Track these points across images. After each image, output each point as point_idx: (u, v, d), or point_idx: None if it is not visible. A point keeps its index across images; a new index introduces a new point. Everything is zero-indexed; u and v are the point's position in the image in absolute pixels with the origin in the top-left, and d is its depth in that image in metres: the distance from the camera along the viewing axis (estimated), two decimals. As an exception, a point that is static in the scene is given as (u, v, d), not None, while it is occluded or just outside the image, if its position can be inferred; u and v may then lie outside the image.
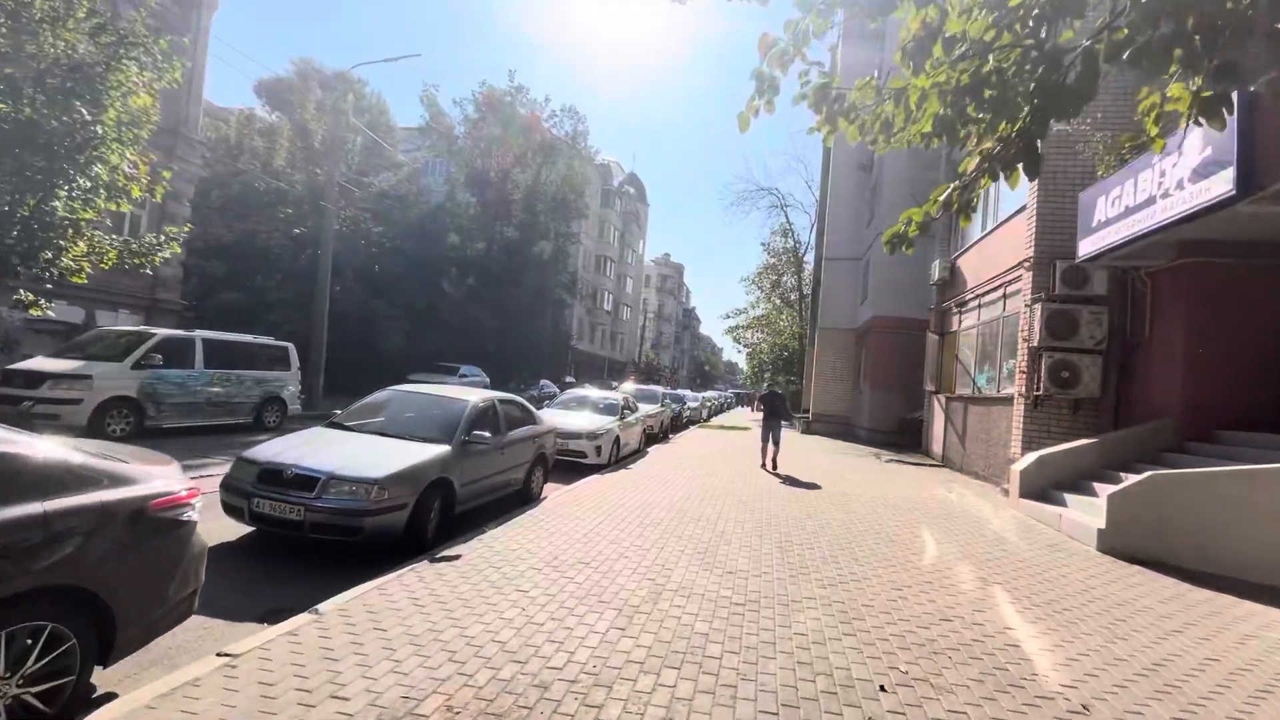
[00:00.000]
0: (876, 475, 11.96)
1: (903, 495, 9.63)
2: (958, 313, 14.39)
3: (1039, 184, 10.00)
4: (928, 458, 15.25)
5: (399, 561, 4.87)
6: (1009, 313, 11.35)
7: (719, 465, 12.03)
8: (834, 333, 23.67)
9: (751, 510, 7.70)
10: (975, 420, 12.31)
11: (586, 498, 7.82)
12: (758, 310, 41.68)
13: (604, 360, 58.57)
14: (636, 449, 13.57)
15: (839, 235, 23.84)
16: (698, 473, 10.75)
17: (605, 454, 11.07)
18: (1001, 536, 7.00)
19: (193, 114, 16.36)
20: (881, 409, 19.36)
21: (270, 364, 12.64)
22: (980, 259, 13.02)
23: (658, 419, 17.14)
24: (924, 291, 18.07)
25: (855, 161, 23.21)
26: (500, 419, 7.05)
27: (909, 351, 18.83)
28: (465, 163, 35.33)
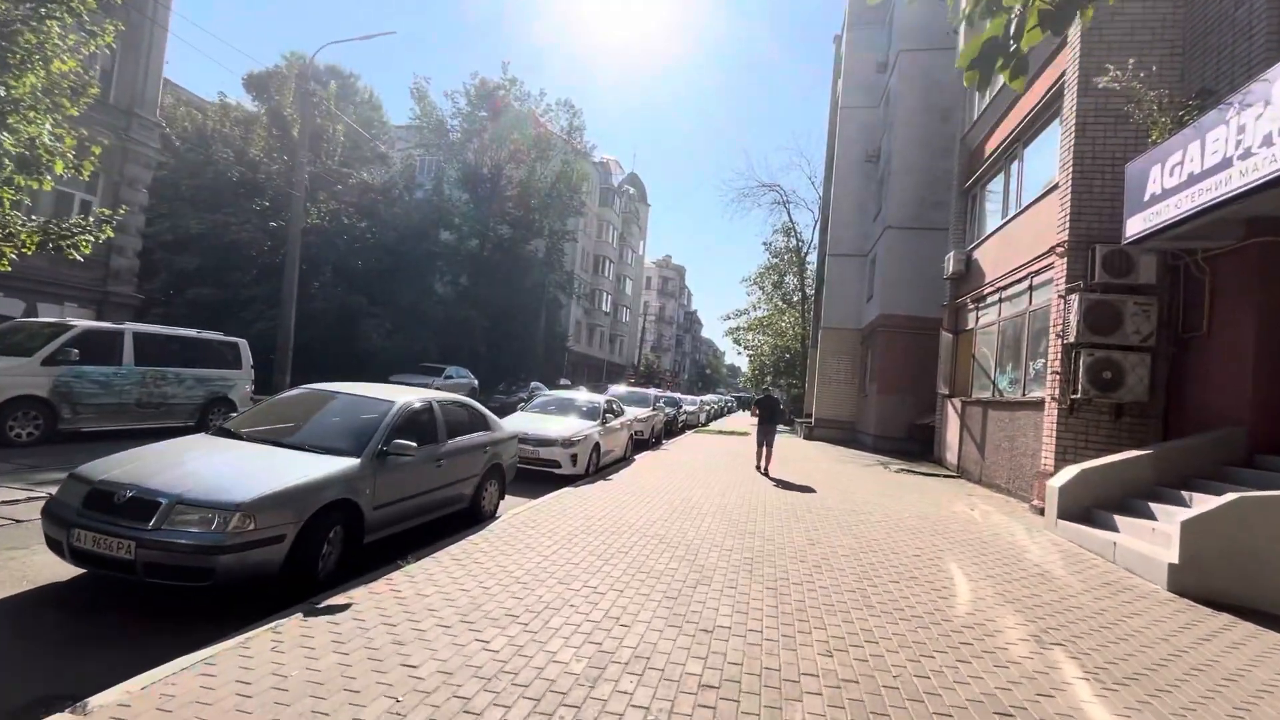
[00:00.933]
0: (886, 488, 10.72)
1: (918, 513, 8.39)
2: (975, 309, 13.15)
3: (1073, 158, 8.78)
4: (941, 467, 14.00)
5: (277, 608, 3.70)
6: (1036, 306, 10.12)
7: (711, 475, 10.80)
8: (838, 333, 22.44)
9: (742, 534, 6.47)
10: (997, 427, 11.07)
11: (548, 517, 6.61)
12: (759, 311, 40.46)
13: (602, 362, 57.37)
14: (622, 456, 12.36)
15: (844, 230, 22.63)
16: (685, 484, 9.52)
17: (583, 463, 9.86)
18: (1045, 571, 5.76)
19: (150, 94, 15.27)
20: (889, 414, 18.11)
21: (217, 361, 11.46)
22: (1002, 248, 11.79)
23: (648, 423, 15.93)
24: (935, 287, 16.85)
25: (862, 152, 22.01)
26: (438, 425, 5.85)
27: (919, 352, 17.61)
28: (457, 157, 34.22)
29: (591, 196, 51.63)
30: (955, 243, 14.40)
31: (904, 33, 19.09)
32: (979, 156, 13.78)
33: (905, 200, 18.41)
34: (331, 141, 24.41)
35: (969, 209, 14.44)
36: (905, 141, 18.57)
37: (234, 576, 3.74)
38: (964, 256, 13.75)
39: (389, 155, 27.83)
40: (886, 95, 20.73)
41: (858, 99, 22.63)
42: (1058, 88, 9.77)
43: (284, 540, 3.95)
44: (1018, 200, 11.47)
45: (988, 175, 13.34)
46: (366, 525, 4.71)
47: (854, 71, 22.89)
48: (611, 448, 11.58)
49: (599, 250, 53.77)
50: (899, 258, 18.27)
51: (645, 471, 10.78)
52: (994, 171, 12.98)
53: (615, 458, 11.87)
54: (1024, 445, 9.89)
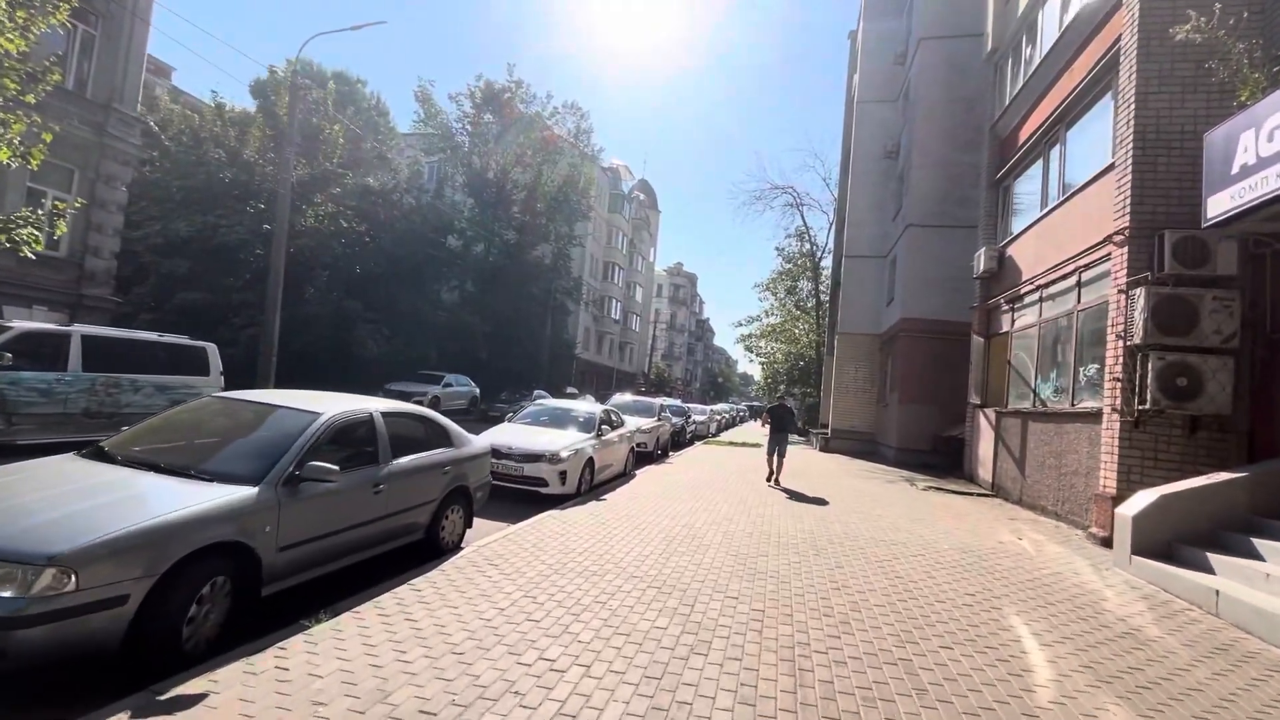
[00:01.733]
0: (915, 509, 9.54)
1: (958, 543, 7.21)
2: (1010, 310, 11.96)
3: (1133, 133, 7.64)
4: (973, 485, 12.75)
5: (116, 694, 2.69)
6: (1087, 304, 8.93)
7: (718, 494, 9.68)
8: (855, 339, 21.24)
9: (751, 574, 5.36)
10: (1040, 441, 9.85)
11: (520, 550, 5.55)
12: (772, 318, 39.25)
13: (611, 371, 56.38)
14: (621, 472, 11.29)
15: (861, 230, 21.48)
16: (688, 506, 8.42)
17: (573, 481, 8.79)
18: (1135, 628, 4.58)
19: (130, 88, 14.57)
20: (913, 425, 16.87)
21: (181, 368, 10.58)
22: (1042, 241, 10.62)
23: (653, 435, 14.84)
24: (962, 288, 15.65)
25: (880, 148, 20.89)
26: (380, 441, 4.82)
27: (944, 358, 16.39)
28: (462, 161, 33.56)
29: (600, 202, 50.91)
30: (985, 239, 13.22)
31: (924, 20, 18.01)
32: (1011, 145, 12.63)
33: (927, 196, 17.25)
34: (329, 143, 23.72)
35: (1000, 203, 13.27)
36: (927, 134, 17.44)
37: (44, 655, 2.72)
38: (996, 254, 12.57)
39: (389, 157, 27.09)
40: (906, 88, 19.63)
41: (875, 93, 21.54)
42: (1109, 57, 8.64)
43: (127, 601, 2.92)
44: (1060, 188, 10.30)
45: (1022, 165, 12.18)
46: (266, 572, 3.68)
47: (870, 65, 21.82)
48: (609, 462, 10.51)
49: (608, 256, 52.93)
50: (921, 258, 17.10)
51: (644, 491, 9.68)
52: (1030, 160, 11.82)
53: (613, 473, 10.80)
54: (1075, 463, 8.67)
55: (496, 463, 8.58)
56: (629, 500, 8.62)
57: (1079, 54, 9.75)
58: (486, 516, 7.49)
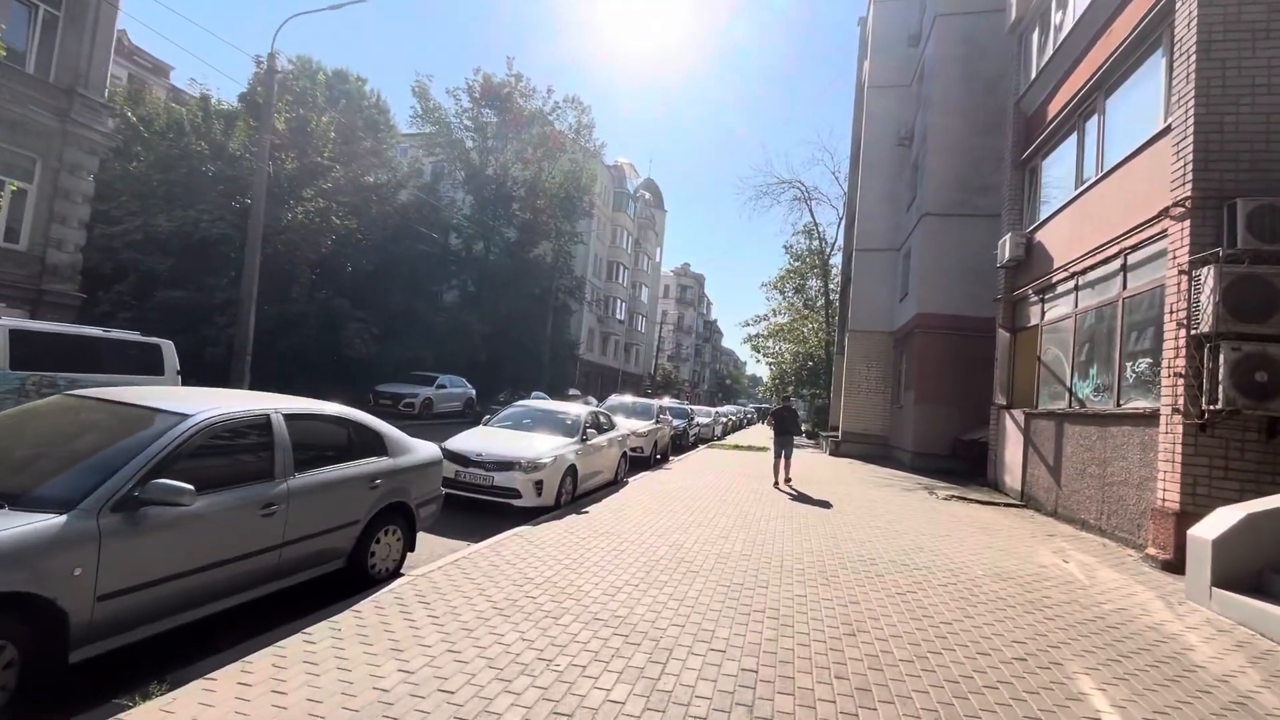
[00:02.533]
0: (938, 523, 8.47)
1: (993, 567, 6.16)
2: (1040, 301, 10.87)
3: (1194, 89, 6.57)
4: (998, 493, 11.64)
5: None
6: (1135, 290, 7.84)
7: (716, 505, 8.66)
8: (867, 336, 20.13)
9: (746, 612, 4.36)
10: (1079, 446, 8.75)
11: (466, 580, 4.58)
12: (780, 317, 38.09)
13: (617, 372, 55.41)
14: (612, 480, 10.32)
15: (873, 223, 20.38)
16: (680, 520, 7.41)
17: (550, 492, 7.81)
18: (1243, 694, 3.52)
19: (96, 73, 13.79)
20: (929, 428, 15.75)
21: (131, 366, 9.70)
22: (1078, 223, 9.54)
23: (650, 439, 13.84)
24: (983, 281, 14.56)
25: (892, 136, 19.79)
26: (278, 450, 3.86)
27: (964, 356, 15.29)
28: (461, 158, 32.76)
29: (604, 200, 50.04)
30: (1011, 225, 12.13)
31: (940, -3, 16.92)
32: (1040, 121, 11.55)
33: (945, 183, 16.16)
34: (319, 136, 22.94)
35: (1027, 185, 12.17)
36: (944, 117, 16.34)
37: None
38: (1023, 240, 11.48)
39: (388, 155, 26.28)
40: (920, 69, 18.54)
41: (887, 77, 20.45)
42: (1160, 8, 7.57)
43: None
44: (1098, 164, 9.22)
45: (1052, 141, 11.10)
46: (77, 632, 2.71)
47: (882, 47, 20.73)
48: (596, 469, 9.53)
49: (613, 256, 52.01)
50: (938, 249, 16.00)
51: (634, 502, 8.68)
52: (1061, 136, 10.74)
53: (602, 481, 9.82)
54: (1122, 471, 7.58)
55: (463, 471, 7.65)
56: (614, 513, 7.62)
57: (1120, 10, 8.68)
58: (445, 533, 6.55)
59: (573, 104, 34.22)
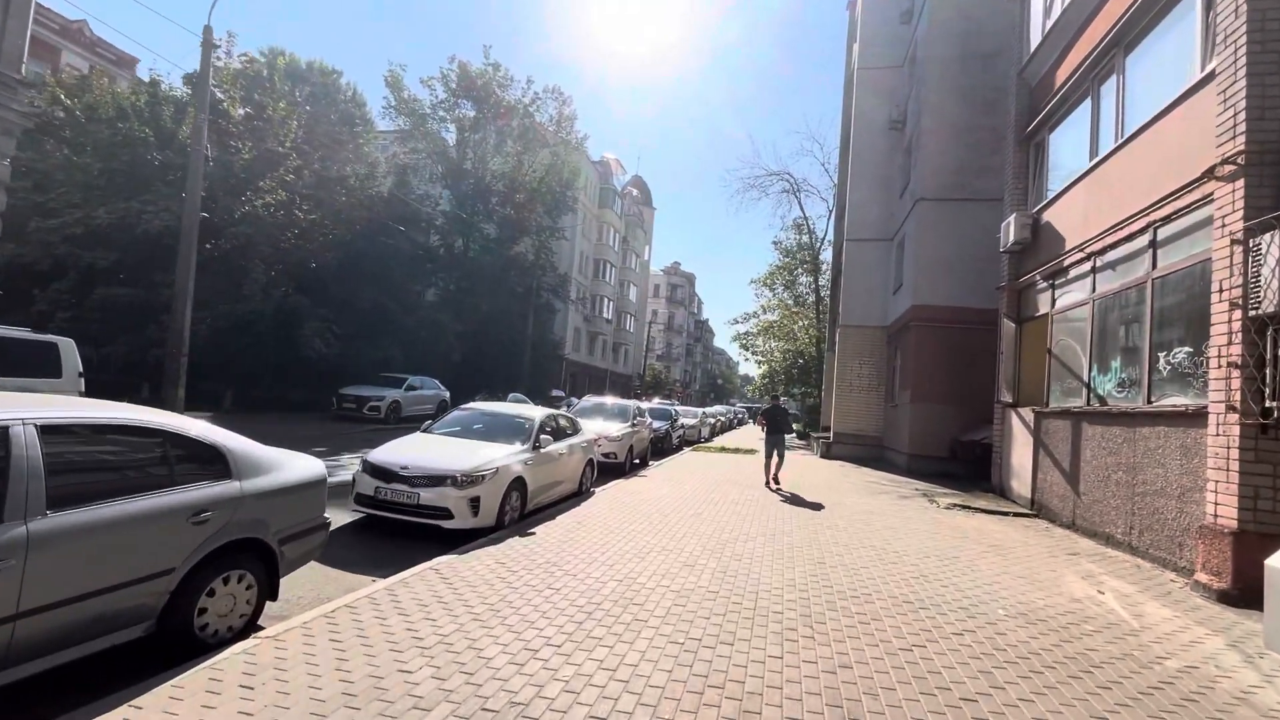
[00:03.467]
0: (940, 538, 7.37)
1: (1014, 601, 5.05)
2: (1049, 287, 9.81)
3: (1245, 22, 5.50)
4: (1005, 501, 10.57)
5: None
6: (1169, 269, 6.77)
7: (689, 521, 7.53)
8: (859, 331, 19.06)
9: (699, 688, 3.21)
10: (1102, 449, 7.67)
11: (332, 644, 3.43)
12: (770, 315, 36.97)
13: (605, 373, 54.25)
14: (576, 490, 9.18)
15: (864, 211, 19.32)
16: (643, 542, 6.27)
17: (491, 510, 6.65)
18: None
19: (11, 47, 12.50)
20: (927, 428, 14.69)
21: (20, 368, 8.47)
22: (1094, 198, 8.47)
23: (623, 443, 12.69)
24: (984, 269, 13.54)
25: (884, 119, 18.74)
26: (15, 480, 2.68)
27: (964, 350, 14.25)
28: (438, 152, 31.52)
29: (589, 195, 48.89)
30: (1014, 205, 11.07)
31: (934, -31, 15.87)
32: (1046, 90, 10.50)
33: (941, 166, 15.11)
34: (278, 125, 21.68)
35: (1033, 162, 11.12)
36: (940, 95, 15.30)
37: None
38: (1029, 221, 10.42)
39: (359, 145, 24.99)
40: (913, 48, 17.50)
41: (878, 57, 19.40)
42: (1196, -60, 6.51)
43: None
44: (1118, 129, 8.15)
45: (1061, 111, 10.04)
46: None
47: (872, 26, 19.67)
48: (555, 480, 8.38)
49: (599, 254, 50.84)
50: (935, 236, 14.94)
51: (593, 519, 7.53)
52: (1071, 103, 9.68)
53: (562, 494, 8.67)
54: (1158, 480, 6.50)
55: (385, 488, 6.49)
56: (564, 536, 6.47)
57: (1144, -48, 7.62)
58: (351, 566, 5.41)
59: (553, 95, 33.11)
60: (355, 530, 6.73)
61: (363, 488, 6.61)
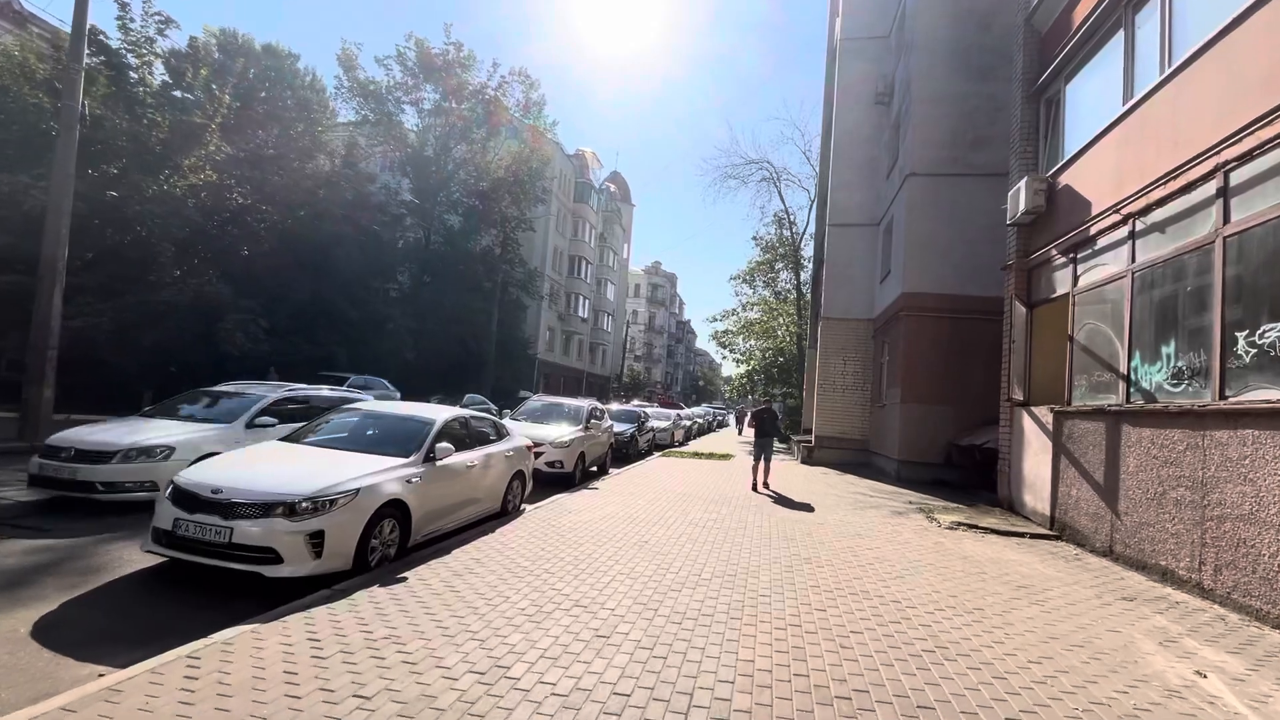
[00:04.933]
0: (952, 576, 5.68)
1: (1084, 695, 3.34)
2: (1070, 262, 8.21)
3: None
4: (1016, 517, 8.95)
5: None
6: (1247, 221, 5.14)
7: (625, 556, 5.75)
8: (842, 325, 17.47)
9: None
10: (1152, 458, 6.04)
11: None
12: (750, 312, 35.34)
13: (580, 374, 52.37)
14: (498, 511, 7.38)
15: (848, 194, 17.74)
16: (551, 596, 4.49)
17: (343, 549, 4.80)
18: None
19: None
20: (919, 431, 13.08)
21: None
22: (1133, 146, 6.88)
23: (572, 450, 10.88)
24: (983, 252, 12.04)
25: (869, 93, 17.18)
26: None
27: (961, 343, 12.70)
28: (396, 137, 29.50)
29: (564, 189, 47.07)
30: (1023, 169, 9.48)
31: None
32: (1061, 33, 8.93)
33: (934, 139, 13.54)
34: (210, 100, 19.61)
35: (1044, 119, 9.55)
36: (931, 62, 13.74)
37: None
38: (1043, 186, 8.83)
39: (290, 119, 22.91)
40: (901, 13, 15.95)
41: (863, 27, 17.85)
42: None
43: None
44: (1164, 59, 6.55)
45: (1080, 55, 8.47)
46: None
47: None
48: (462, 499, 6.57)
49: (575, 250, 48.97)
50: (927, 215, 13.37)
51: (500, 552, 5.73)
52: (1096, 41, 8.10)
53: (475, 516, 6.87)
54: (1243, 500, 4.86)
55: (186, 520, 4.64)
56: (447, 582, 4.67)
57: None
58: (87, 646, 3.53)
59: (520, 77, 31.26)
60: (150, 582, 4.85)
61: (160, 520, 4.73)
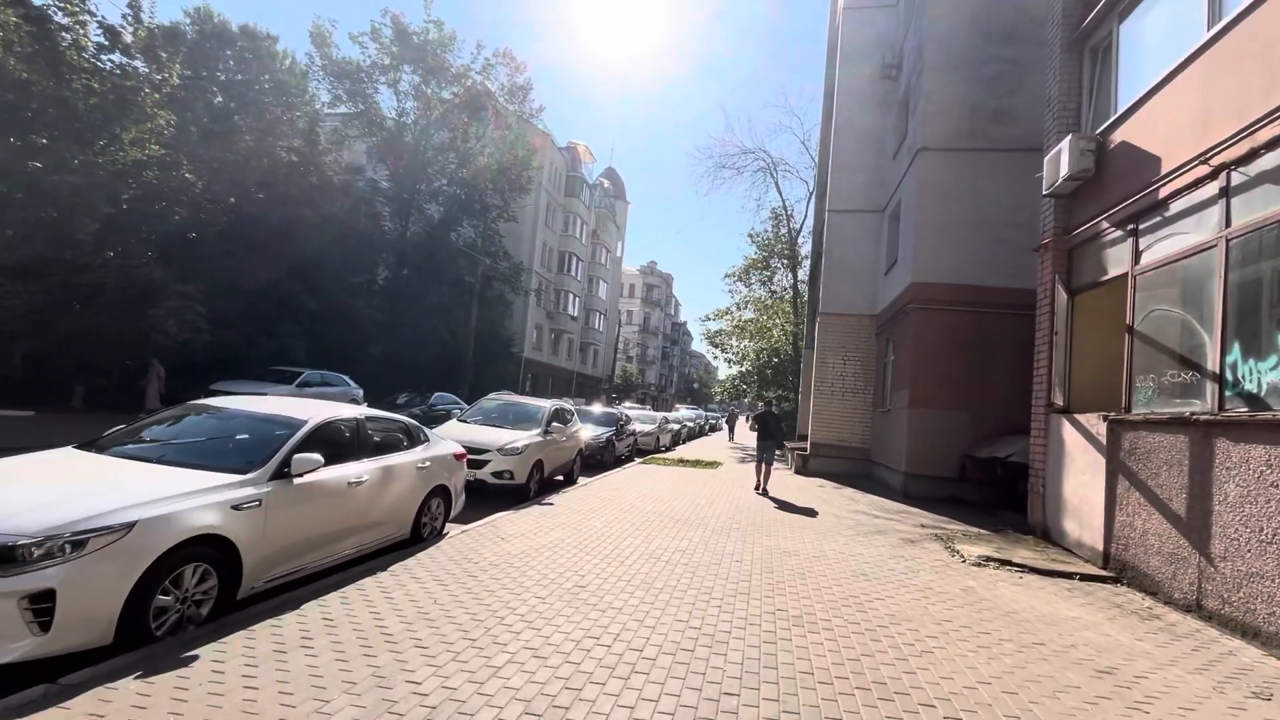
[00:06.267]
0: (998, 646, 4.06)
1: None
2: (1131, 234, 6.61)
3: None
4: (1052, 546, 7.33)
5: None
6: None
7: (558, 614, 4.13)
8: (842, 321, 15.88)
9: None
10: (1267, 486, 4.45)
11: None
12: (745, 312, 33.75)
13: (570, 374, 50.70)
14: (408, 538, 5.77)
15: (849, 177, 16.17)
16: (417, 700, 2.87)
17: (99, 615, 3.16)
18: None
19: None
20: (929, 440, 11.47)
21: None
22: (1228, 78, 5.29)
23: (524, 459, 9.22)
24: (1002, 237, 10.53)
25: (874, 66, 15.61)
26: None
27: (978, 340, 11.12)
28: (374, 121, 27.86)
29: (555, 183, 45.48)
30: (1063, 129, 7.90)
31: None
32: (1113, -37, 7.36)
33: (948, 109, 11.98)
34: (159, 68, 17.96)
35: (1091, 70, 7.97)
36: (946, 24, 12.19)
37: None
38: (1091, 146, 7.25)
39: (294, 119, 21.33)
40: (911, -25, 14.41)
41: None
42: None
43: None
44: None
45: (1141, -16, 6.90)
46: None
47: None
48: (338, 527, 4.93)
49: (565, 245, 47.34)
50: (941, 195, 11.78)
51: (354, 617, 4.10)
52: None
53: (370, 543, 5.26)
54: None
55: None
56: (242, 679, 3.04)
57: None
58: None
59: (504, 59, 29.62)
60: None
61: None
